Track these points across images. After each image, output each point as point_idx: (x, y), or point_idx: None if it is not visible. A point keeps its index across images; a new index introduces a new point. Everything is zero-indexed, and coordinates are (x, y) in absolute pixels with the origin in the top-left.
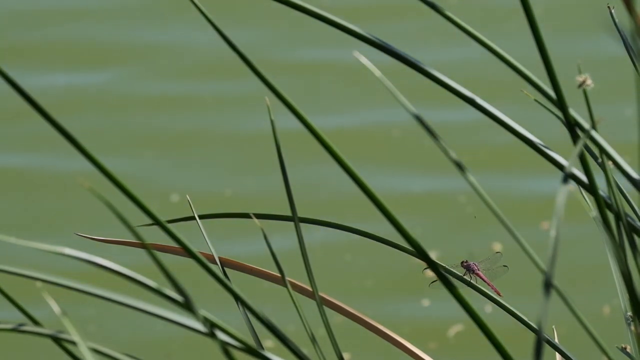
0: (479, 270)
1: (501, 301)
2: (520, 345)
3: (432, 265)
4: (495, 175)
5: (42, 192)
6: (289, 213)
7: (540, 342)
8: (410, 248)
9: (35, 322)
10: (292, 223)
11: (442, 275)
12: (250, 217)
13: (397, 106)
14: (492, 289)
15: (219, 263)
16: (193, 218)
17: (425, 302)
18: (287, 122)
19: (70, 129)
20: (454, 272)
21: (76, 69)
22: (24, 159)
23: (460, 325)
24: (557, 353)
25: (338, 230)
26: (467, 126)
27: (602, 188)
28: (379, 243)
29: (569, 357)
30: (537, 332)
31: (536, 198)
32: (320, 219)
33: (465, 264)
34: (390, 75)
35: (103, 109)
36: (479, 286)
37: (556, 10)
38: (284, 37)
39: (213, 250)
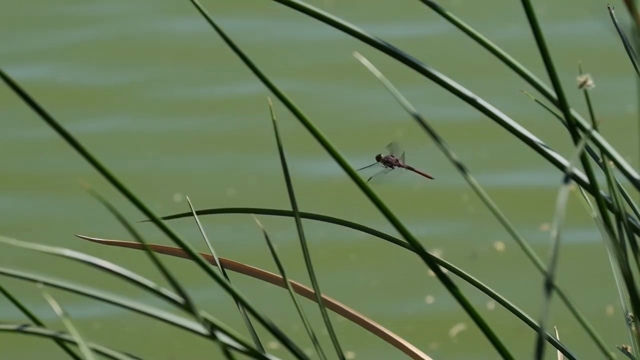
0: (399, 161)
1: (504, 299)
2: (523, 343)
3: (433, 265)
4: (496, 175)
5: (43, 194)
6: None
7: (542, 340)
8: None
9: (38, 323)
10: (294, 224)
11: (444, 275)
12: (249, 212)
13: (398, 105)
14: (422, 174)
15: (218, 264)
16: (191, 214)
17: (429, 301)
18: (287, 123)
19: (74, 132)
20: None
21: (81, 70)
22: (26, 161)
23: (462, 324)
24: (558, 353)
25: (341, 231)
26: (469, 126)
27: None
28: (382, 243)
29: (571, 356)
30: (538, 329)
31: (537, 198)
32: (322, 214)
33: (384, 158)
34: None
35: (107, 111)
36: (482, 284)
37: (558, 10)
38: (282, 29)
39: (213, 251)
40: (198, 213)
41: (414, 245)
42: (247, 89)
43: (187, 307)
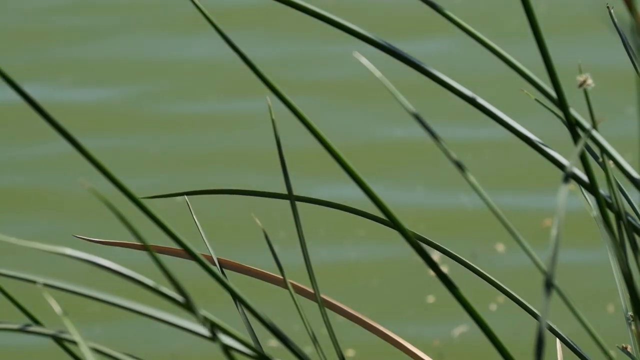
0: None
1: (512, 292)
2: (524, 344)
3: (433, 265)
4: (498, 189)
5: (43, 196)
6: (293, 213)
7: (542, 336)
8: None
9: (38, 323)
10: (295, 229)
11: (444, 275)
12: (240, 194)
13: (398, 108)
14: None
15: (217, 264)
16: (181, 194)
17: (430, 300)
18: (288, 130)
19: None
20: None
21: (85, 85)
22: (22, 178)
23: (464, 325)
24: (557, 342)
25: (341, 230)
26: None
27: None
28: (383, 243)
29: (573, 348)
30: (540, 319)
31: (536, 218)
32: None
33: None
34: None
35: (103, 127)
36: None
37: (559, 9)
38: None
39: (212, 251)
40: (187, 194)
41: (413, 244)
42: (247, 106)
43: (188, 306)
